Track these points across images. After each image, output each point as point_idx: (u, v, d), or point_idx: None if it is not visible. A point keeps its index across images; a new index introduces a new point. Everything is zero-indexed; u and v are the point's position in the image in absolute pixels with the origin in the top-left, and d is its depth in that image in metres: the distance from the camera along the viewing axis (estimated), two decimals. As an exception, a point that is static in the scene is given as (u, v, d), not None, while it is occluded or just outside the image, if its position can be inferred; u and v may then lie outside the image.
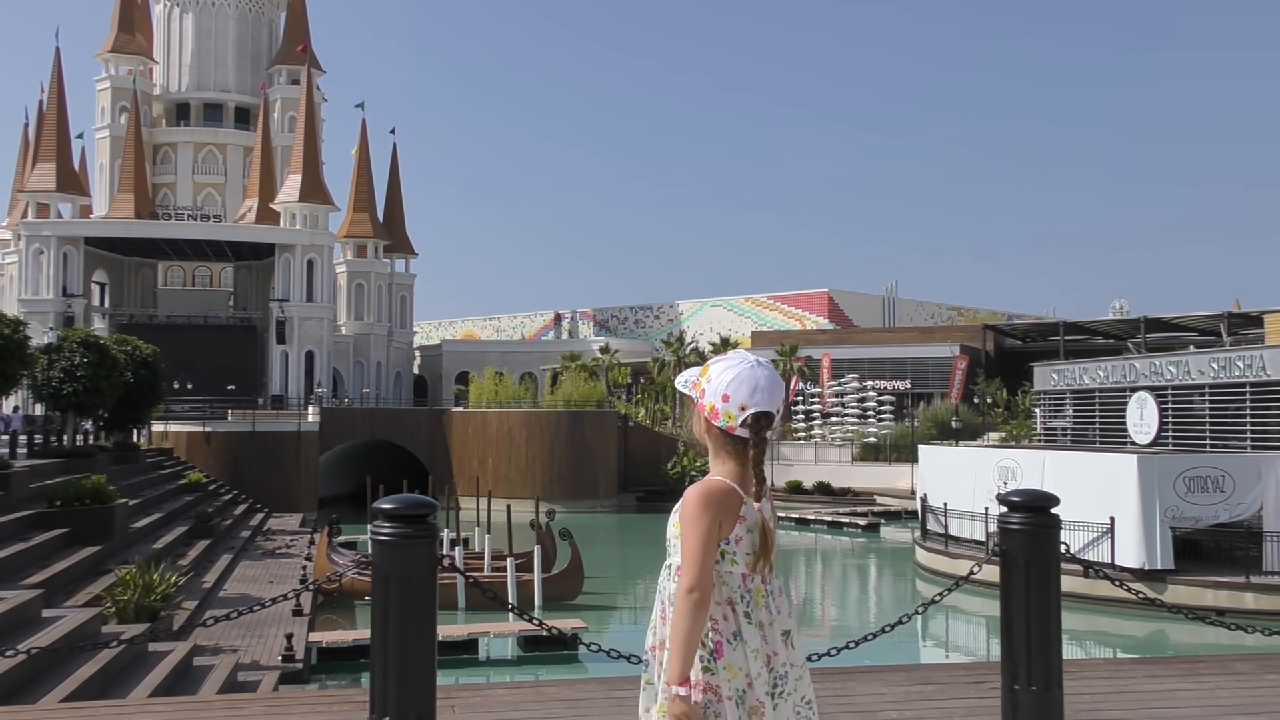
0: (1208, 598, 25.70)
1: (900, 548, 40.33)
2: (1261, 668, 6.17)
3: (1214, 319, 64.40)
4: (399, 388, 78.21)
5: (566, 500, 50.97)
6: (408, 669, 4.29)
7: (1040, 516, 4.71)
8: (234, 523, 37.99)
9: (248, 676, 16.22)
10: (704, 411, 3.14)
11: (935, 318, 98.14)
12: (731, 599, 3.09)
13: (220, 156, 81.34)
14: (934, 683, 5.78)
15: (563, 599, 28.49)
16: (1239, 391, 30.02)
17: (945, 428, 56.08)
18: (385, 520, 4.31)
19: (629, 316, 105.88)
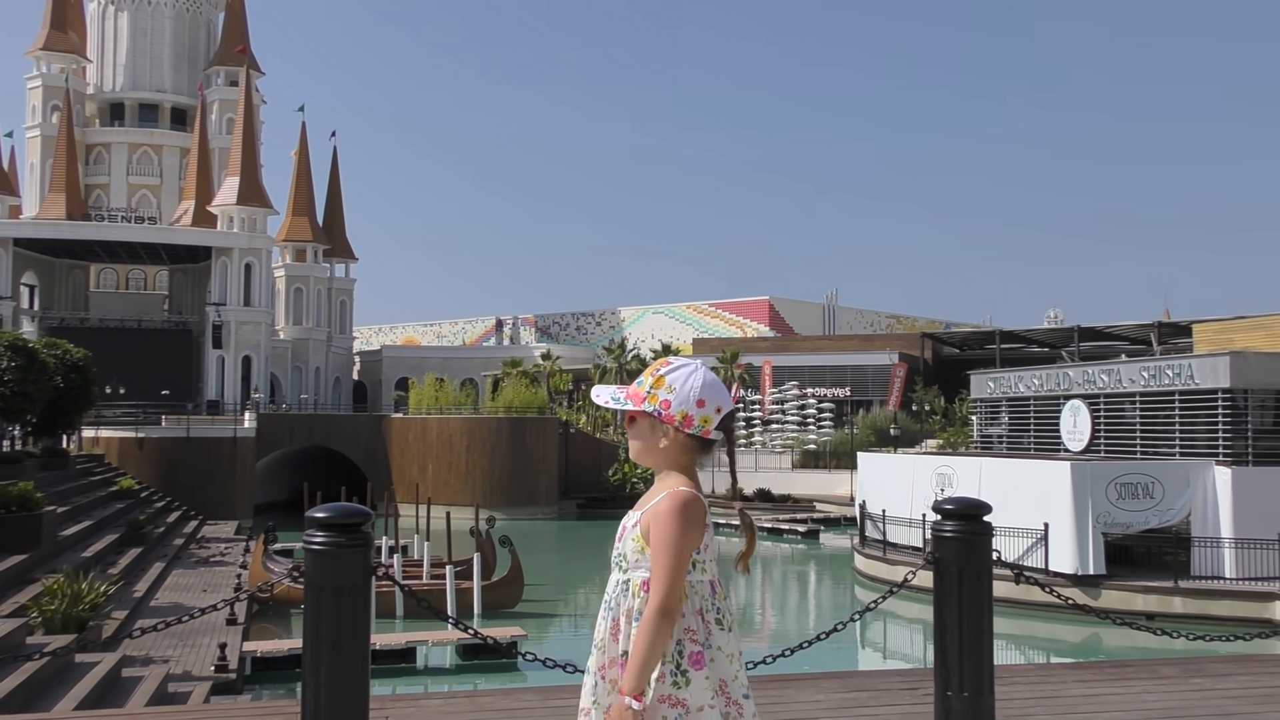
0: (1138, 602, 26.20)
1: (839, 554, 40.67)
2: (1187, 672, 6.29)
3: (1145, 328, 65.84)
4: (338, 394, 77.40)
5: (507, 507, 50.76)
6: (340, 680, 4.23)
7: (973, 524, 4.77)
8: (167, 530, 37.31)
9: (179, 688, 15.92)
10: (673, 421, 3.06)
11: (875, 326, 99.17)
12: (702, 608, 3.07)
13: (156, 158, 80.00)
14: (869, 689, 5.82)
15: (502, 607, 28.34)
16: (1168, 400, 30.65)
17: (884, 435, 56.72)
18: (318, 529, 4.25)
19: (571, 323, 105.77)
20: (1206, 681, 6.04)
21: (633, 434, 3.13)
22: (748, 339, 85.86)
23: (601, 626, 3.14)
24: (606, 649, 3.09)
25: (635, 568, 3.07)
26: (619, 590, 3.11)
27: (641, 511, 3.10)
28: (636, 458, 3.17)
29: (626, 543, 3.10)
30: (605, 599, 3.17)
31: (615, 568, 3.14)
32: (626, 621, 3.05)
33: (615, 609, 3.10)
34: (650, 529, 3.02)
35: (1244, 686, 5.95)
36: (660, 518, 2.99)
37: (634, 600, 3.06)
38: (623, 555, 3.11)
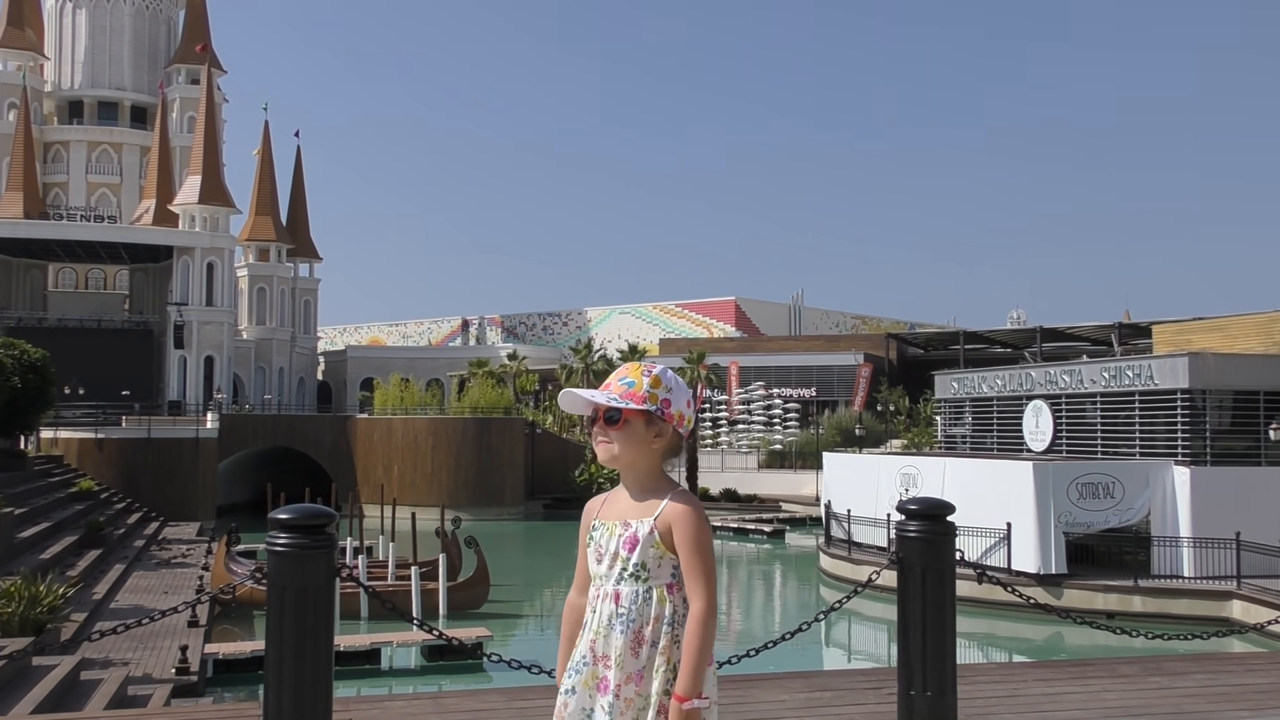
0: (1099, 601, 26.48)
1: (805, 554, 40.83)
2: (1145, 670, 6.37)
3: (1105, 329, 66.59)
4: (302, 394, 76.83)
5: (473, 508, 50.61)
6: (303, 682, 4.19)
7: (936, 524, 4.80)
8: (127, 532, 36.91)
9: (139, 690, 15.74)
10: (672, 420, 3.10)
11: (840, 326, 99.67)
12: None
13: (115, 156, 79.07)
14: (833, 689, 5.84)
15: (468, 607, 28.24)
16: (1128, 400, 31.00)
17: (849, 435, 57.02)
18: (281, 530, 4.21)
19: (537, 323, 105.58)
20: (1164, 680, 6.12)
21: (624, 435, 3.08)
22: (714, 339, 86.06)
23: (610, 642, 3.05)
24: (624, 665, 3.02)
25: (656, 576, 3.06)
26: (639, 601, 3.05)
27: (653, 518, 3.07)
28: (618, 459, 3.11)
29: (644, 551, 3.06)
30: (612, 613, 3.07)
31: (631, 579, 3.07)
32: (652, 630, 3.03)
33: (636, 620, 3.04)
34: (678, 534, 3.03)
35: (1201, 685, 6.03)
36: (691, 522, 3.02)
37: (661, 607, 3.05)
38: (641, 565, 3.06)
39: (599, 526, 3.18)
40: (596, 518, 3.21)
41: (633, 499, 3.13)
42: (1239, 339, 39.01)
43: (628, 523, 3.11)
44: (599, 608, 3.11)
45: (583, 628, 3.16)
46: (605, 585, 3.11)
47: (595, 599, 3.14)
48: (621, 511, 3.14)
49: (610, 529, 3.14)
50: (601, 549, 3.14)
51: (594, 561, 3.17)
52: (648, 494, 3.11)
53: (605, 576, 3.12)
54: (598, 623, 3.09)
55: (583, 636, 3.14)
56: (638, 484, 3.14)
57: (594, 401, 3.09)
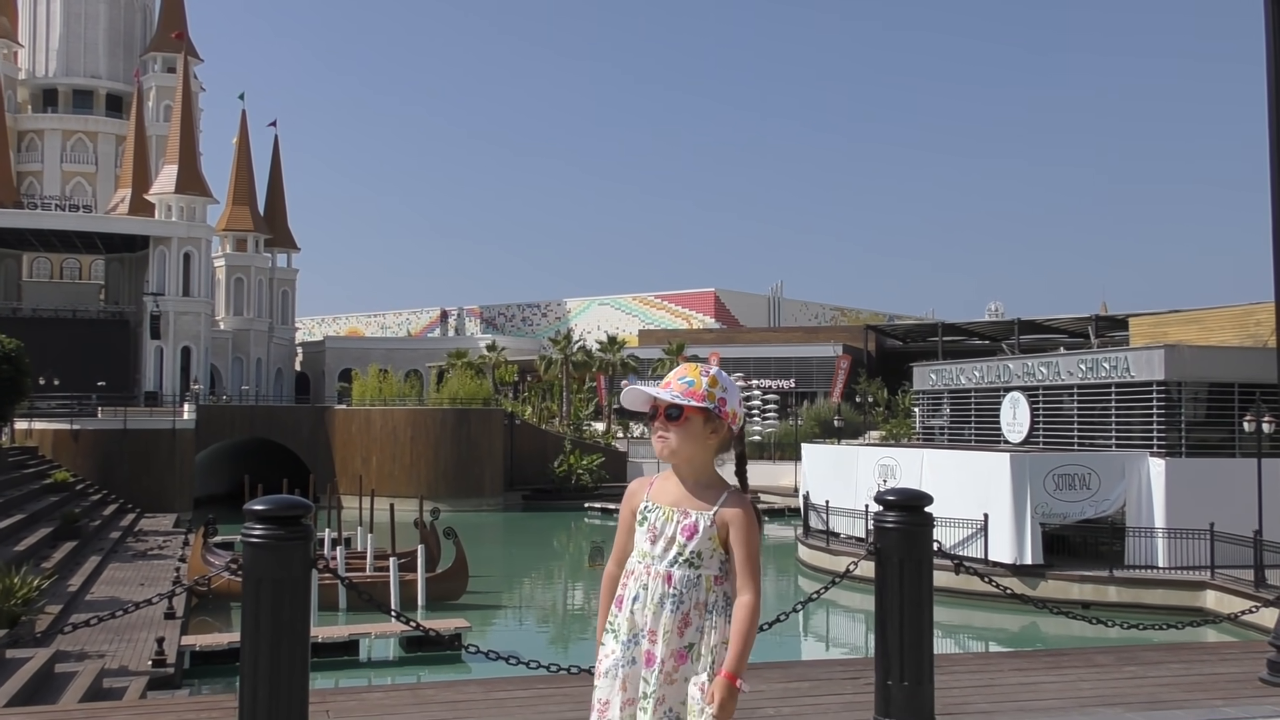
0: (1075, 591, 26.67)
1: (783, 544, 40.92)
2: (1120, 660, 6.40)
3: (1082, 321, 67.02)
4: (280, 385, 76.46)
5: (452, 499, 50.51)
6: (280, 675, 4.17)
7: (914, 515, 4.81)
8: (103, 524, 36.68)
9: (114, 683, 15.66)
10: (728, 419, 3.34)
11: (819, 318, 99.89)
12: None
13: (91, 145, 78.43)
14: (811, 679, 5.86)
15: (447, 598, 28.20)
16: (1105, 392, 31.20)
17: (828, 426, 57.17)
18: (257, 521, 4.18)
19: (516, 314, 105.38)
20: (1139, 670, 6.16)
21: (684, 430, 3.29)
22: (693, 330, 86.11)
23: (660, 619, 3.24)
24: (670, 642, 3.22)
25: (708, 564, 3.28)
26: (689, 584, 3.26)
27: (712, 512, 3.29)
28: (676, 454, 3.32)
29: (701, 541, 3.27)
30: (664, 593, 3.25)
31: (686, 564, 3.26)
32: (699, 615, 3.25)
33: (686, 602, 3.24)
34: (737, 534, 3.28)
35: (1175, 675, 6.07)
36: (750, 524, 3.29)
37: (706, 595, 3.27)
38: (696, 553, 3.27)
39: (654, 509, 3.35)
40: (649, 499, 3.38)
41: (689, 489, 3.34)
42: (1215, 331, 39.33)
43: (687, 512, 3.30)
44: (650, 585, 3.28)
45: (627, 600, 3.32)
46: (658, 565, 3.29)
47: (644, 575, 3.30)
48: (678, 499, 3.33)
49: (668, 514, 3.32)
50: (656, 530, 3.31)
51: (646, 541, 3.33)
52: (703, 488, 3.34)
53: (659, 557, 3.29)
54: (649, 599, 3.27)
55: (629, 610, 3.30)
56: (693, 477, 3.35)
57: (658, 398, 3.30)
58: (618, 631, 3.31)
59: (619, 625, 3.32)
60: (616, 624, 3.33)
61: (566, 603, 34.14)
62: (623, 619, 3.31)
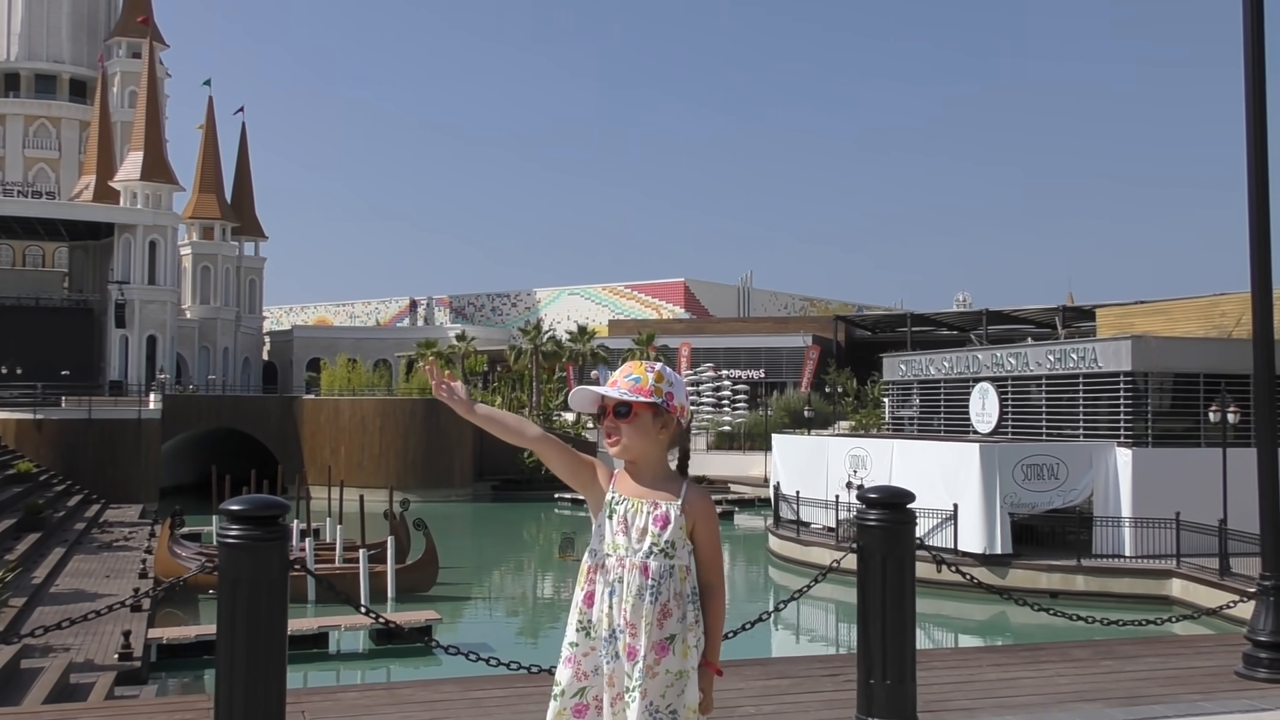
0: (1043, 580, 26.90)
1: (753, 535, 41.05)
2: (1097, 654, 6.43)
3: (1050, 312, 67.51)
4: (247, 374, 75.83)
5: (421, 489, 50.31)
6: (256, 676, 4.10)
7: (896, 513, 4.79)
8: (67, 515, 36.27)
9: (81, 678, 15.47)
10: (675, 412, 3.32)
11: (789, 308, 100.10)
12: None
13: (54, 130, 77.36)
14: (790, 676, 5.83)
15: (417, 590, 28.09)
16: (1072, 383, 31.44)
17: (798, 416, 57.30)
18: (233, 522, 4.10)
19: (486, 304, 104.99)
20: (1116, 664, 6.18)
21: (634, 428, 3.28)
22: (663, 320, 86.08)
23: (639, 611, 3.22)
24: (651, 634, 3.21)
25: (680, 554, 3.29)
26: (665, 575, 3.26)
27: (680, 501, 3.30)
28: (629, 451, 3.31)
29: (673, 531, 3.27)
30: (642, 584, 3.23)
31: (661, 555, 3.26)
32: (678, 605, 3.25)
33: (664, 593, 3.24)
34: (703, 526, 3.32)
35: (1152, 669, 6.10)
36: (714, 516, 3.37)
37: (682, 584, 3.27)
38: (670, 543, 3.27)
39: (622, 500, 3.33)
40: (617, 491, 3.36)
41: (650, 483, 3.34)
42: (1180, 322, 39.72)
43: (656, 502, 3.30)
44: (626, 578, 3.26)
45: (601, 596, 3.29)
46: (632, 558, 3.27)
47: (618, 568, 3.28)
48: (644, 491, 3.33)
49: (636, 505, 3.31)
50: (627, 522, 3.30)
51: (619, 534, 3.30)
52: (663, 480, 3.34)
53: (634, 550, 3.28)
54: (627, 592, 3.25)
55: (606, 604, 3.27)
56: (650, 472, 3.35)
57: (607, 396, 3.29)
58: (595, 627, 3.28)
59: (596, 621, 3.29)
60: (593, 620, 3.29)
61: (537, 593, 34.08)
62: (599, 616, 3.27)
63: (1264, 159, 6.17)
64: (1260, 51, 6.11)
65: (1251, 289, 6.29)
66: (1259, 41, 6.09)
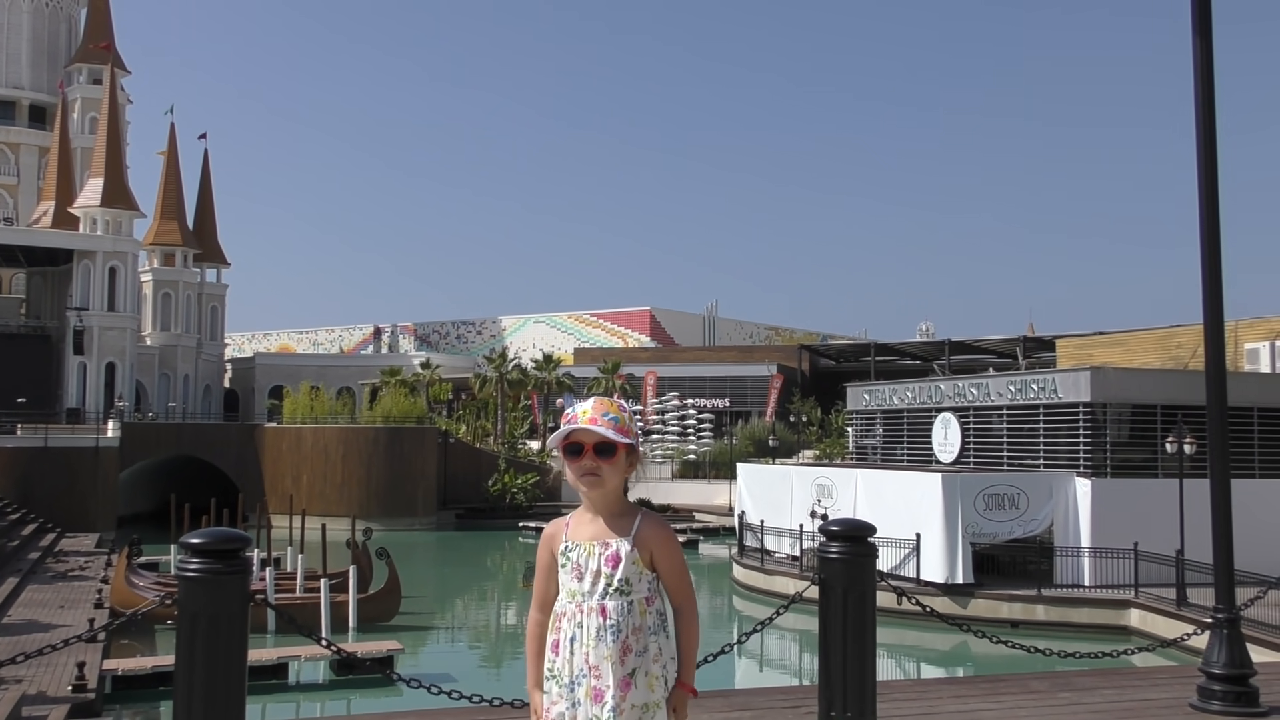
0: (1004, 610, 27.06)
1: (718, 564, 41.01)
2: (1055, 686, 6.49)
3: (1011, 342, 68.26)
4: (208, 402, 75.14)
5: (384, 518, 49.91)
6: (215, 710, 4.07)
7: (857, 545, 4.83)
8: (21, 544, 35.72)
9: (33, 711, 15.21)
10: (639, 444, 3.43)
11: (754, 337, 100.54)
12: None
13: (12, 156, 76.69)
14: (753, 709, 5.85)
15: (379, 619, 27.84)
16: (1033, 413, 31.76)
17: (763, 445, 57.47)
18: (193, 555, 4.08)
19: (451, 331, 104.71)
20: (1074, 695, 6.24)
21: (613, 466, 3.33)
22: (629, 349, 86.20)
23: (600, 652, 3.25)
24: (614, 673, 3.24)
25: (637, 588, 3.33)
26: (623, 613, 3.29)
27: (630, 537, 3.34)
28: (605, 486, 3.34)
29: (626, 568, 3.31)
30: (600, 626, 3.27)
31: (616, 594, 3.30)
32: (637, 639, 3.28)
33: (623, 630, 3.27)
34: (663, 556, 3.37)
35: (1109, 700, 6.16)
36: (672, 544, 3.41)
37: (642, 619, 3.31)
38: (625, 580, 3.31)
39: (575, 547, 3.37)
40: (568, 538, 3.40)
41: (604, 521, 3.38)
42: (1137, 353, 40.29)
43: (606, 542, 3.34)
44: (585, 622, 3.29)
45: (564, 643, 3.32)
46: (589, 601, 3.31)
47: (577, 614, 3.31)
48: (596, 533, 3.36)
49: (589, 549, 3.35)
50: (581, 567, 3.34)
51: (573, 579, 3.34)
52: (616, 515, 3.38)
53: (589, 593, 3.32)
54: (586, 636, 3.28)
55: (569, 651, 3.30)
56: (608, 508, 3.38)
57: (608, 437, 3.30)
58: (559, 675, 3.31)
59: (559, 670, 3.31)
60: (557, 669, 3.32)
61: (500, 623, 33.87)
62: (562, 662, 3.31)
63: (1214, 196, 6.31)
64: (1210, 87, 6.26)
65: (1204, 320, 6.43)
66: (1209, 84, 6.25)
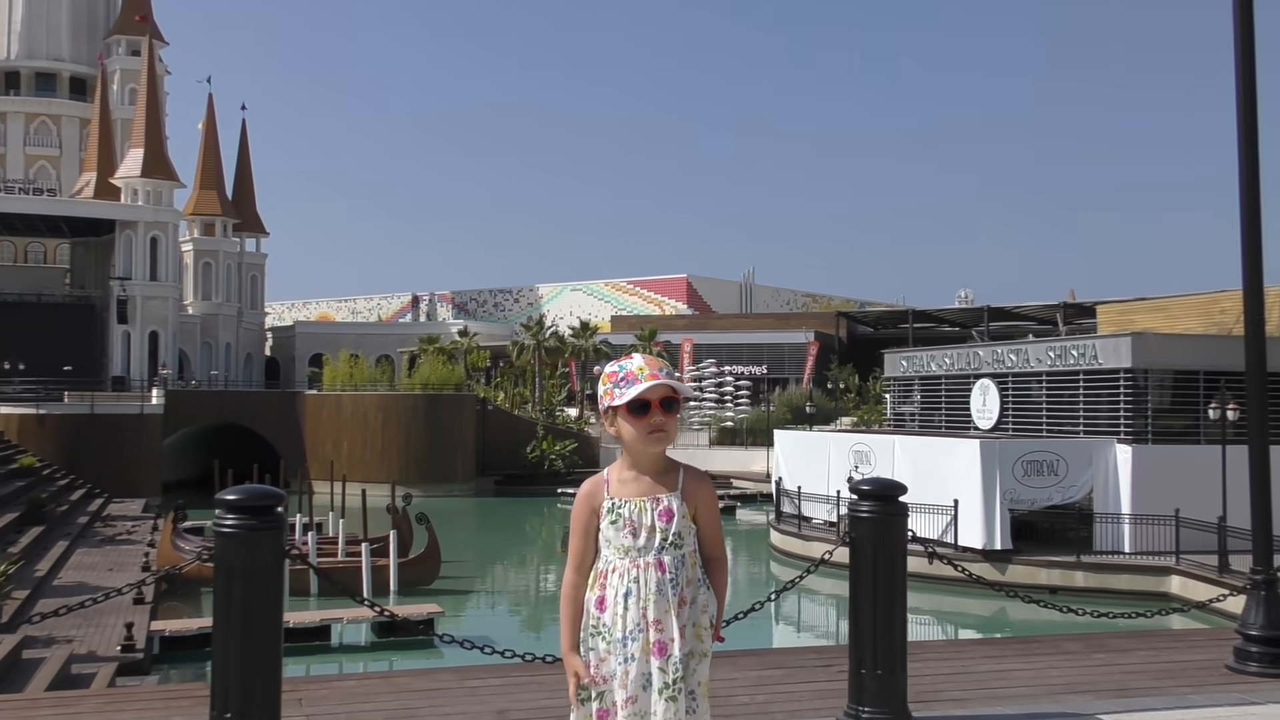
0: (1042, 576, 26.93)
1: (755, 530, 41.08)
2: (1089, 647, 6.47)
3: (1051, 309, 67.51)
4: (249, 370, 75.94)
5: (423, 484, 50.34)
6: (251, 664, 4.15)
7: (888, 505, 4.83)
8: (70, 508, 36.38)
9: (83, 669, 15.54)
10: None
11: (791, 304, 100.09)
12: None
13: (54, 128, 77.46)
14: (784, 667, 5.88)
15: (419, 584, 28.15)
16: (1073, 379, 31.45)
17: (800, 412, 57.32)
18: (228, 511, 4.15)
19: (488, 299, 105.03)
20: (1108, 657, 6.22)
21: (674, 421, 3.41)
22: (666, 317, 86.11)
23: (660, 606, 3.31)
24: (671, 627, 3.31)
25: (688, 542, 3.41)
26: (678, 565, 3.37)
27: (679, 491, 3.41)
28: (670, 441, 3.41)
29: (679, 522, 3.38)
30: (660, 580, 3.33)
31: (672, 547, 3.36)
32: (691, 591, 3.37)
33: (679, 584, 3.34)
34: (705, 505, 3.45)
35: (1143, 661, 6.14)
36: (713, 495, 3.51)
37: (693, 570, 3.40)
38: (678, 534, 3.38)
39: (625, 503, 3.41)
40: (614, 496, 3.43)
41: (651, 478, 3.43)
42: (1180, 319, 39.74)
43: (658, 497, 3.40)
44: (642, 577, 3.34)
45: (616, 599, 3.35)
46: (645, 556, 3.36)
47: (631, 569, 3.35)
48: (644, 489, 3.42)
49: (639, 504, 3.40)
50: (635, 523, 3.38)
51: (625, 536, 3.38)
52: (664, 471, 3.44)
53: (644, 549, 3.37)
54: (645, 591, 3.32)
55: (621, 607, 3.33)
56: (655, 464, 3.44)
57: (678, 391, 3.38)
58: (608, 631, 3.33)
59: (609, 625, 3.34)
60: (605, 625, 3.35)
61: (539, 588, 34.15)
62: (613, 618, 3.33)
63: (1255, 158, 6.21)
64: (1250, 49, 6.14)
65: (1244, 285, 6.34)
66: (1249, 41, 6.13)
